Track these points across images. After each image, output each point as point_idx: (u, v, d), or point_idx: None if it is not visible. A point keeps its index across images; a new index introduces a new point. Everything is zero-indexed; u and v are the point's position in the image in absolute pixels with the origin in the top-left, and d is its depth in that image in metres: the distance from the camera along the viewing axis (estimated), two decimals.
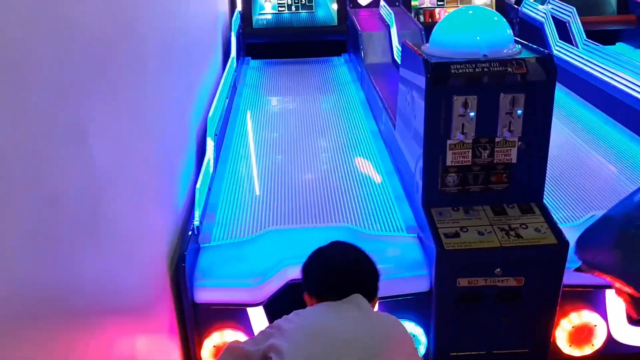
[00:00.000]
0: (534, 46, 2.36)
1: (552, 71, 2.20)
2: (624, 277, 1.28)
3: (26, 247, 1.05)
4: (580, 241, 1.39)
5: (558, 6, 4.68)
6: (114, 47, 1.65)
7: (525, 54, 2.27)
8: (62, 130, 1.23)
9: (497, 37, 2.32)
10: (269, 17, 5.47)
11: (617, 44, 5.56)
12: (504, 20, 2.42)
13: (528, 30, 4.91)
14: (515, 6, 5.26)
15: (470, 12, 2.45)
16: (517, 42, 2.39)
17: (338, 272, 1.68)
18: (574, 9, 4.50)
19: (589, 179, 3.00)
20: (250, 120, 4.01)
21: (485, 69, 2.18)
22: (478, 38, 2.29)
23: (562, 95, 4.11)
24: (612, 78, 3.69)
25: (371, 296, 1.69)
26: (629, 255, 1.24)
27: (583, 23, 4.56)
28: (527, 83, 2.19)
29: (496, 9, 5.55)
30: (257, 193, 2.95)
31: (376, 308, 1.84)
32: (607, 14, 5.70)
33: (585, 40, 4.28)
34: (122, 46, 1.74)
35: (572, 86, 4.13)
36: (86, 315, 1.35)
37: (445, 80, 2.17)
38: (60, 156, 1.22)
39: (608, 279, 1.32)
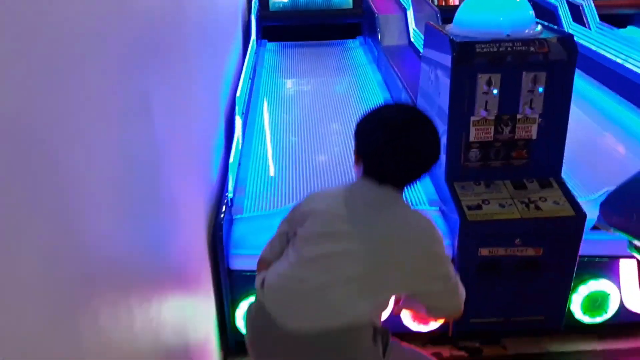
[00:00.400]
0: (555, 27, 2.46)
1: (572, 51, 2.30)
2: None
3: (110, 209, 1.16)
4: (606, 204, 1.48)
5: None
6: (165, 29, 1.76)
7: (546, 34, 2.37)
8: (133, 102, 1.35)
9: (519, 18, 2.42)
10: (285, 0, 5.54)
11: (628, 27, 5.61)
12: (526, 1, 2.51)
13: (541, 13, 4.96)
14: None
15: None
16: (538, 22, 2.48)
17: (398, 151, 1.43)
18: None
19: (603, 157, 3.10)
20: (269, 102, 4.12)
21: (509, 48, 2.28)
22: (501, 18, 2.39)
23: (577, 80, 4.20)
24: (626, 60, 3.77)
25: (416, 180, 1.50)
26: None
27: (595, 7, 4.63)
28: (548, 62, 2.29)
29: None
30: (282, 169, 3.06)
31: None
32: None
33: (599, 23, 4.35)
34: (169, 28, 1.84)
35: (585, 68, 4.21)
36: (148, 276, 1.46)
37: (470, 59, 2.27)
38: (132, 125, 1.34)
39: (636, 241, 1.42)
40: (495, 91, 2.31)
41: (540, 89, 2.31)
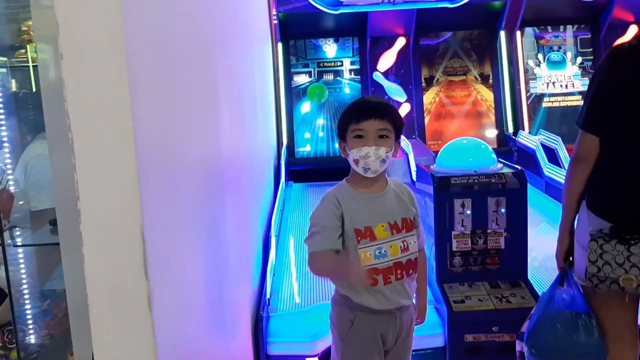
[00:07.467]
0: (511, 164, 3.28)
1: (523, 181, 3.09)
2: None
3: (198, 308, 1.87)
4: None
5: (547, 136, 5.69)
6: (231, 177, 2.60)
7: (505, 170, 3.18)
8: (213, 228, 2.13)
9: (484, 159, 3.25)
10: (308, 148, 6.59)
11: None
12: (489, 147, 3.36)
13: (524, 156, 5.88)
14: (513, 137, 6.30)
15: (465, 142, 3.42)
16: (499, 161, 3.31)
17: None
18: (560, 138, 5.49)
19: None
20: (295, 232, 4.91)
21: (476, 180, 3.08)
22: (470, 159, 3.23)
23: (554, 207, 4.97)
24: None
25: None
26: None
27: (570, 149, 5.51)
28: (506, 190, 3.07)
29: (498, 140, 6.61)
30: (305, 283, 3.76)
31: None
32: None
33: None
34: (235, 178, 2.69)
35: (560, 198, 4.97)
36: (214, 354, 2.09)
37: (447, 188, 3.07)
38: (212, 247, 2.10)
39: None
40: (468, 212, 3.07)
41: (503, 210, 3.07)
